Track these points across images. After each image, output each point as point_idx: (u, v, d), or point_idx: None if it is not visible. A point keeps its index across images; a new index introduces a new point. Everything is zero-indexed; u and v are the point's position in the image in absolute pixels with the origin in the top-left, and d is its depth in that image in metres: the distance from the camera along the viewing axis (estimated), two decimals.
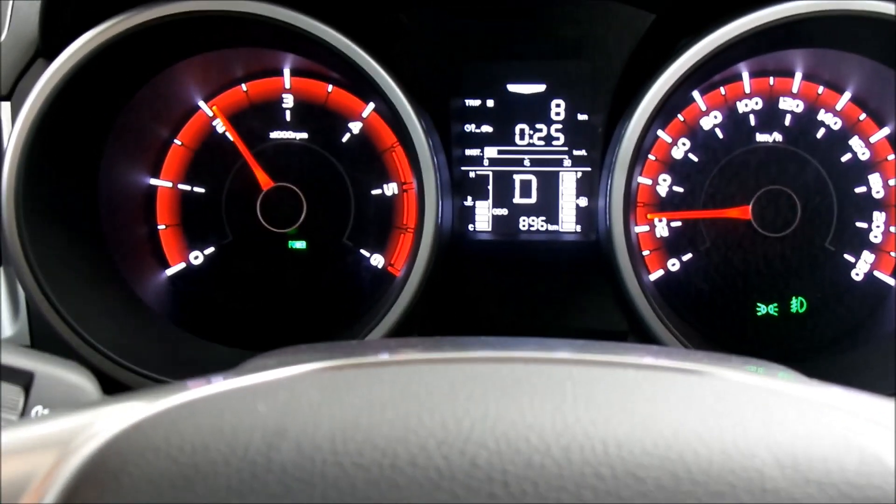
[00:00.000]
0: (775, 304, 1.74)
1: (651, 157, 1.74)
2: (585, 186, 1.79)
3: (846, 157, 1.72)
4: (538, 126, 1.79)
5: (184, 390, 0.70)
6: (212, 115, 1.76)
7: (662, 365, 0.77)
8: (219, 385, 0.71)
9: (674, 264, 1.75)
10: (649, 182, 1.74)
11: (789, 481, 0.60)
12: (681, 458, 0.62)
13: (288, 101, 1.77)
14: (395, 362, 0.76)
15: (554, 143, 1.79)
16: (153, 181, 1.77)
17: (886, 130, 1.72)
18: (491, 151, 1.80)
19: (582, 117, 1.78)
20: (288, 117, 1.77)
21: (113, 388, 1.49)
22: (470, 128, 1.79)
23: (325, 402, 0.67)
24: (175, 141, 1.77)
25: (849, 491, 0.60)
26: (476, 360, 0.75)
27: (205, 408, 0.68)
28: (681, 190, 1.74)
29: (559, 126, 1.79)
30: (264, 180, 1.74)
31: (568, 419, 0.65)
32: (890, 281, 1.72)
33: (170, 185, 1.77)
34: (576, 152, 1.79)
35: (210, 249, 1.78)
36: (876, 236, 1.73)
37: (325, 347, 1.01)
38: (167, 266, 1.78)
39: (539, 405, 0.66)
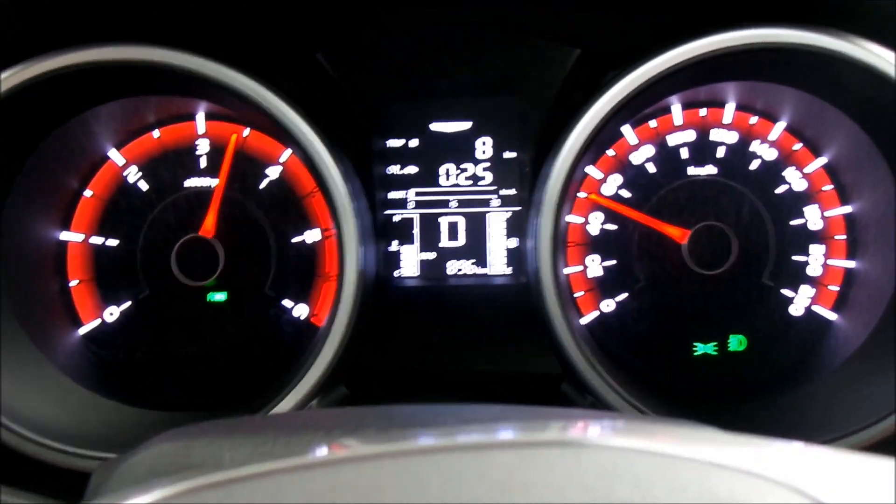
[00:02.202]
0: (714, 344, 1.69)
1: (581, 194, 1.68)
2: (515, 227, 1.73)
3: (781, 189, 1.67)
4: (464, 165, 1.73)
5: None
6: (123, 163, 1.68)
7: (534, 441, 0.71)
8: None
9: (608, 305, 1.69)
10: (580, 220, 1.68)
11: None
12: None
13: (202, 146, 1.69)
14: (261, 474, 0.69)
15: (481, 182, 1.72)
16: (63, 235, 1.68)
17: (823, 160, 1.67)
18: (415, 193, 1.73)
19: (509, 155, 1.72)
20: (202, 164, 1.69)
21: (24, 465, 1.42)
22: (393, 170, 1.73)
23: None
24: (85, 192, 1.69)
25: None
26: (342, 462, 0.69)
27: None
28: (613, 227, 1.68)
29: (486, 165, 1.72)
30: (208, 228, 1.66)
31: None
32: (830, 316, 1.67)
33: (81, 238, 1.69)
34: (504, 191, 1.72)
35: (126, 305, 1.70)
36: (815, 269, 1.68)
37: (226, 426, 0.95)
38: (80, 325, 1.69)
39: None
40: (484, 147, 1.72)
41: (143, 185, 1.69)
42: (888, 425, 1.40)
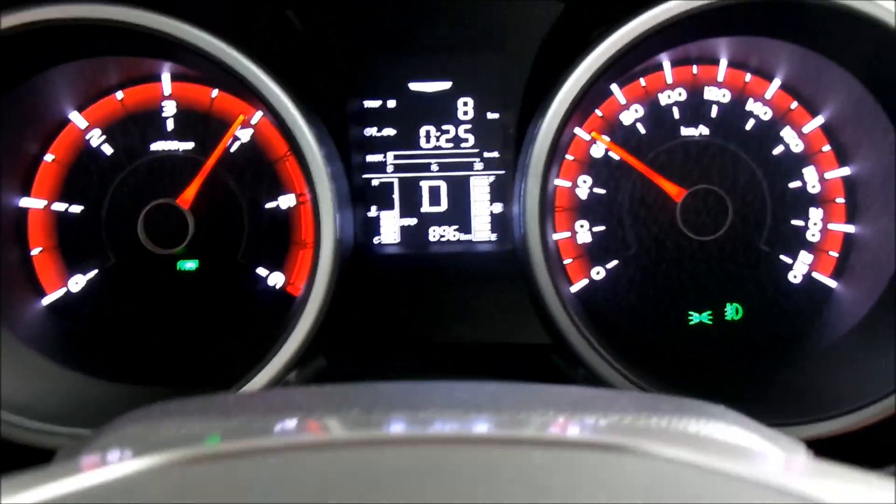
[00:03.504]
0: (709, 312, 1.62)
1: (568, 156, 1.60)
2: (499, 191, 1.65)
3: (778, 150, 1.60)
4: (445, 127, 1.65)
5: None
6: (85, 126, 1.60)
7: (573, 441, 0.64)
8: (47, 489, 0.58)
9: (598, 273, 1.62)
10: (568, 184, 1.61)
11: None
12: None
13: (169, 108, 1.61)
14: (250, 451, 0.63)
15: (463, 145, 1.65)
16: (23, 201, 1.60)
17: (820, 119, 1.59)
18: (394, 157, 1.65)
19: (492, 116, 1.65)
20: (169, 127, 1.61)
21: None
22: (370, 132, 1.65)
23: None
24: (46, 156, 1.60)
25: None
26: (342, 445, 0.63)
27: None
28: (602, 192, 1.61)
29: (468, 126, 1.65)
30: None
31: None
32: (830, 283, 1.60)
33: (43, 204, 1.60)
34: (487, 154, 1.65)
35: (92, 273, 1.61)
36: (813, 234, 1.60)
37: (196, 406, 0.88)
38: (43, 295, 1.61)
39: None
40: (466, 107, 1.65)
41: (108, 149, 1.60)
42: (888, 405, 1.33)
